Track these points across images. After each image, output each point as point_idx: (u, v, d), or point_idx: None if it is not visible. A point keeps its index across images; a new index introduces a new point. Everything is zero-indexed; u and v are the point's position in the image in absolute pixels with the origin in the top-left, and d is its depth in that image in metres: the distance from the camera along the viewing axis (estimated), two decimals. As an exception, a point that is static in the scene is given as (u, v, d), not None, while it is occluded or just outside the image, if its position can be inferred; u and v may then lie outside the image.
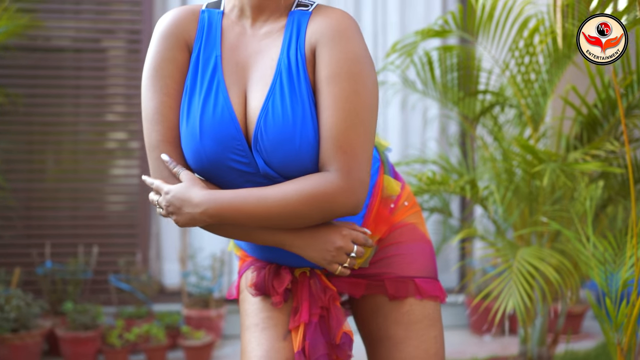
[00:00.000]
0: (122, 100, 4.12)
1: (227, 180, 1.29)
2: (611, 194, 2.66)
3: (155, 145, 1.28)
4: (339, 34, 1.27)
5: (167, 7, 4.02)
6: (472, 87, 2.88)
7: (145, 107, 1.30)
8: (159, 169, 1.29)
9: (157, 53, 1.31)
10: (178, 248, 3.98)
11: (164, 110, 1.29)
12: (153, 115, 1.28)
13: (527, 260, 2.23)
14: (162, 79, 1.29)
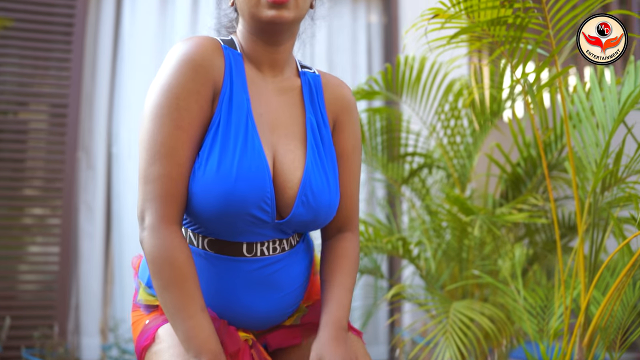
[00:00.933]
0: (43, 174, 3.98)
1: (235, 226, 1.27)
2: (536, 249, 2.75)
3: (155, 178, 1.21)
4: (354, 107, 1.47)
5: (96, 78, 3.97)
6: (401, 149, 2.96)
7: (151, 136, 1.21)
8: (152, 202, 1.21)
9: (179, 82, 1.22)
10: (99, 319, 3.77)
11: (174, 143, 1.21)
12: (159, 147, 1.20)
13: (462, 311, 2.24)
14: (179, 111, 1.21)
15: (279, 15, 1.26)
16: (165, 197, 1.21)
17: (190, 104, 1.22)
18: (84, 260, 3.86)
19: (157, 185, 1.20)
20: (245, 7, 1.30)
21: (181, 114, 1.21)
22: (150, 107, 1.23)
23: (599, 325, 2.15)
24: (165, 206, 1.21)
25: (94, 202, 3.92)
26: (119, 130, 3.96)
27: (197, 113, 1.23)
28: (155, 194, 1.21)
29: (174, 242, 1.21)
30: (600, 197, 2.18)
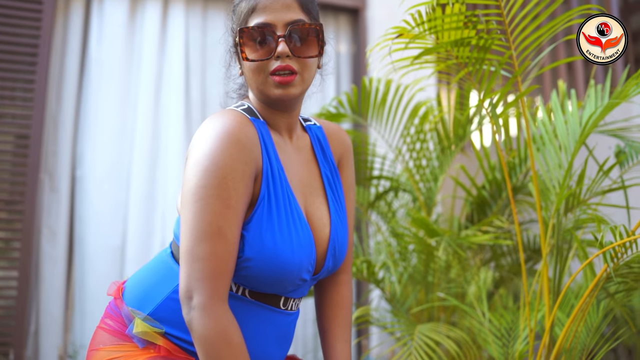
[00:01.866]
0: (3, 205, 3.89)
1: (283, 285, 1.32)
2: (502, 273, 2.75)
3: (204, 256, 1.19)
4: (351, 148, 1.59)
5: (61, 100, 3.90)
6: (367, 172, 2.96)
7: (198, 216, 1.20)
8: (202, 281, 1.19)
9: (226, 162, 1.22)
10: (58, 345, 3.66)
11: (222, 222, 1.20)
12: (207, 226, 1.19)
13: (427, 334, 2.22)
14: (227, 190, 1.21)
15: (286, 94, 1.32)
16: (215, 275, 1.19)
17: (237, 183, 1.23)
18: (45, 284, 3.76)
19: (207, 264, 1.19)
20: (253, 84, 1.35)
21: (230, 194, 1.21)
22: (196, 187, 1.21)
23: (564, 347, 2.15)
24: (216, 285, 1.20)
25: (56, 226, 3.83)
26: (84, 152, 3.90)
27: (243, 191, 1.24)
28: (205, 273, 1.19)
29: (228, 321, 1.20)
30: (563, 218, 2.19)
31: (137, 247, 3.84)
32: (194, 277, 1.19)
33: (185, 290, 1.19)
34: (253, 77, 1.34)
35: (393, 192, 2.92)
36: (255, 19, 1.33)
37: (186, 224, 1.21)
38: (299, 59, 1.32)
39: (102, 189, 3.86)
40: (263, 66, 1.32)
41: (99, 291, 3.76)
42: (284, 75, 1.30)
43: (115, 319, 1.39)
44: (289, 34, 1.31)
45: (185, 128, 4.03)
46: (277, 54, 1.30)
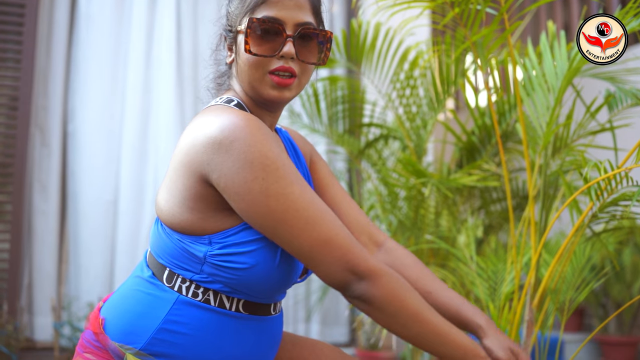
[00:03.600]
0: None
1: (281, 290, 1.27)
2: (492, 219, 2.76)
3: (329, 237, 1.13)
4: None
5: (48, 94, 3.86)
6: (358, 120, 2.95)
7: (292, 212, 1.12)
8: (347, 255, 1.13)
9: (270, 149, 1.13)
10: (52, 297, 3.69)
11: (313, 198, 1.15)
12: (306, 212, 1.12)
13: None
14: (291, 172, 1.14)
15: (282, 96, 1.25)
16: (352, 241, 1.15)
17: (289, 162, 1.17)
18: (38, 239, 3.78)
19: (338, 238, 1.13)
20: (246, 79, 1.27)
21: (294, 174, 1.15)
22: (263, 190, 1.11)
23: (549, 287, 2.16)
24: (359, 247, 1.16)
25: (48, 180, 3.83)
26: (75, 107, 3.88)
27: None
28: (344, 245, 1.14)
29: (392, 270, 1.18)
30: (550, 159, 2.19)
31: (130, 201, 3.84)
32: (339, 257, 1.12)
33: (341, 275, 1.13)
34: (249, 72, 1.25)
35: (383, 140, 2.91)
36: (265, 11, 1.23)
37: (283, 225, 1.12)
38: (301, 62, 1.26)
39: (94, 143, 3.85)
40: (263, 63, 1.23)
41: (92, 244, 3.78)
42: (284, 77, 1.23)
43: (98, 354, 1.25)
44: (298, 36, 1.24)
45: (177, 82, 4.00)
46: (282, 53, 1.22)
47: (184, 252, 1.20)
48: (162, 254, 1.24)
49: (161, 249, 1.24)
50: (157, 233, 1.26)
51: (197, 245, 1.18)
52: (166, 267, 1.23)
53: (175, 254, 1.21)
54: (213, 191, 1.16)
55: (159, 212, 1.24)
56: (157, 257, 1.25)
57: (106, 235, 3.80)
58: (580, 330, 4.84)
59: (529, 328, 2.12)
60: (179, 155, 1.19)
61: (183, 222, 1.19)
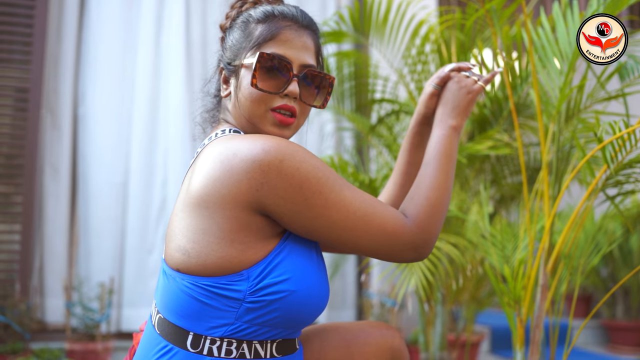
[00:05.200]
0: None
1: (312, 320, 1.22)
2: (503, 194, 2.77)
3: (381, 221, 1.14)
4: None
5: (59, 77, 3.88)
6: (366, 97, 2.96)
7: (346, 212, 1.12)
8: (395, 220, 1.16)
9: (304, 155, 1.12)
10: (63, 277, 3.71)
11: (358, 195, 1.16)
12: (359, 211, 1.13)
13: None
14: (333, 175, 1.14)
15: (281, 134, 1.24)
16: (393, 215, 1.17)
17: (327, 167, 1.16)
18: (49, 221, 3.80)
19: (389, 223, 1.15)
20: (246, 113, 1.24)
21: (336, 174, 1.16)
22: (310, 200, 1.11)
23: (563, 252, 2.17)
24: (399, 216, 1.18)
25: (59, 163, 3.85)
26: (86, 90, 3.90)
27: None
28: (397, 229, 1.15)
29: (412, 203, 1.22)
30: (564, 126, 2.20)
31: (140, 183, 3.86)
32: (398, 240, 1.15)
33: (409, 253, 1.17)
34: (251, 107, 1.22)
35: (395, 115, 2.92)
36: (273, 47, 1.23)
37: (351, 234, 1.14)
38: (302, 104, 1.25)
39: (104, 126, 3.87)
40: (267, 99, 1.21)
41: (102, 227, 3.80)
42: (285, 116, 1.22)
43: None
44: (303, 76, 1.24)
45: (186, 67, 4.02)
46: (287, 92, 1.21)
47: (217, 301, 1.11)
48: (183, 315, 1.14)
49: (181, 308, 1.14)
50: (175, 291, 1.15)
51: (234, 285, 1.10)
52: (189, 331, 1.13)
53: (203, 311, 1.12)
54: (260, 218, 1.12)
55: (178, 264, 1.15)
56: (176, 321, 1.15)
57: (116, 217, 3.82)
58: (587, 316, 4.85)
59: (543, 293, 2.13)
60: (202, 191, 1.12)
61: (220, 260, 1.10)
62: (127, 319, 3.76)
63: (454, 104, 1.38)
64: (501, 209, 2.82)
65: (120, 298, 3.79)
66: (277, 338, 1.17)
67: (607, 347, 4.62)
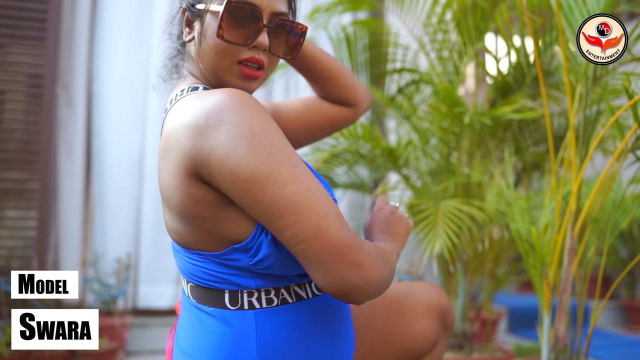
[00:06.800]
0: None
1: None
2: (525, 163, 2.73)
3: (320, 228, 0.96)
4: None
5: (73, 54, 3.86)
6: (382, 68, 2.92)
7: (280, 197, 0.96)
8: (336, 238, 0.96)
9: (262, 126, 1.00)
10: (79, 252, 3.70)
11: (306, 182, 0.99)
12: (295, 197, 0.96)
13: (452, 205, 2.22)
14: (284, 152, 1.00)
15: (247, 88, 1.15)
16: (345, 227, 1.00)
17: (284, 141, 1.03)
18: (64, 199, 3.79)
19: (333, 223, 0.97)
20: (210, 64, 1.15)
21: (288, 154, 1.00)
22: (251, 172, 0.97)
23: (590, 216, 2.13)
24: (350, 232, 1.01)
25: (73, 141, 3.83)
26: (100, 67, 3.88)
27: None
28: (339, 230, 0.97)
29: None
30: (591, 88, 2.16)
31: (155, 160, 3.84)
32: (329, 255, 0.95)
33: (335, 276, 0.95)
34: (215, 58, 1.13)
35: (414, 85, 2.88)
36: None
37: (272, 216, 0.97)
38: (271, 55, 1.16)
39: (119, 102, 3.85)
40: (233, 51, 1.12)
41: (118, 204, 3.78)
42: (252, 69, 1.13)
43: None
44: (274, 27, 1.15)
45: (201, 43, 3.98)
46: (256, 44, 1.12)
47: (230, 269, 1.07)
48: (209, 280, 1.10)
49: (204, 275, 1.10)
50: (190, 263, 1.12)
51: (235, 256, 1.06)
52: (224, 289, 1.09)
53: (223, 276, 1.08)
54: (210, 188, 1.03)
55: (178, 242, 1.13)
56: (206, 285, 1.11)
57: (132, 194, 3.80)
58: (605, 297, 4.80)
59: (570, 256, 2.10)
60: (161, 173, 1.09)
61: (207, 238, 1.06)
62: (143, 296, 3.74)
63: (393, 230, 1.27)
64: (524, 179, 2.78)
65: (137, 275, 3.78)
66: (310, 280, 1.13)
67: (626, 327, 4.57)
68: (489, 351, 2.72)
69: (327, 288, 0.97)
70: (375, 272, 0.97)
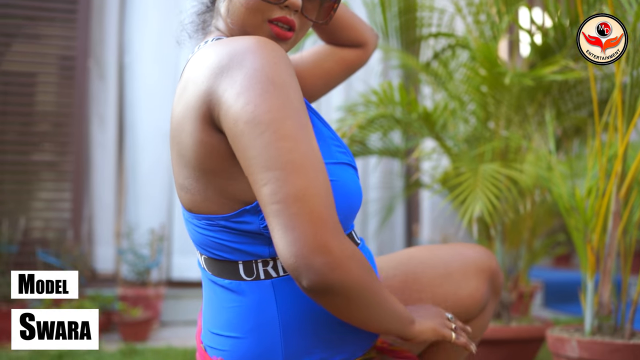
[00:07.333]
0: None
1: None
2: (565, 128, 2.66)
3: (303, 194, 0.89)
4: None
5: (104, 37, 3.86)
6: (422, 30, 2.85)
7: (274, 149, 0.90)
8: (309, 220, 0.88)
9: (283, 76, 0.95)
10: (113, 224, 3.73)
11: (306, 146, 0.92)
12: (290, 155, 0.90)
13: (492, 168, 2.16)
14: (296, 108, 0.94)
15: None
16: (327, 208, 0.92)
17: (301, 100, 0.97)
18: (97, 171, 3.81)
19: (313, 200, 0.90)
20: (239, 21, 1.09)
21: (299, 111, 0.95)
22: (255, 116, 0.92)
23: (636, 179, 2.06)
24: (334, 216, 0.93)
25: (105, 113, 3.85)
26: (132, 39, 3.87)
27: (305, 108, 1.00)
28: (316, 212, 0.90)
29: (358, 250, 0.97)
30: (639, 46, 2.07)
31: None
32: (305, 223, 0.88)
33: (300, 247, 0.88)
34: (245, 15, 1.07)
35: (451, 50, 2.81)
36: None
37: (258, 165, 0.90)
38: (303, 18, 1.11)
39: (150, 74, 3.84)
40: (265, 8, 1.07)
41: (151, 175, 3.79)
42: (283, 29, 1.08)
43: None
44: None
45: (232, 13, 3.95)
46: (288, 3, 1.07)
47: (240, 236, 1.02)
48: (221, 251, 1.06)
49: (215, 247, 1.06)
50: (200, 233, 1.07)
51: (245, 219, 1.01)
52: (237, 261, 1.04)
53: (234, 245, 1.03)
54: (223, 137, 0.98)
55: (187, 204, 1.07)
56: (218, 257, 1.07)
57: (165, 165, 3.80)
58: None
59: (615, 220, 2.03)
60: (173, 120, 1.05)
61: (216, 195, 1.02)
62: (177, 267, 3.76)
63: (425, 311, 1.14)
64: (564, 144, 2.71)
65: (170, 246, 3.79)
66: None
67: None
68: (527, 321, 2.67)
69: (284, 258, 0.89)
70: (343, 269, 0.89)
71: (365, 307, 0.97)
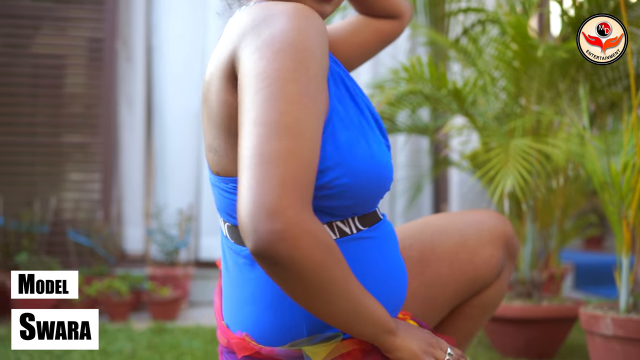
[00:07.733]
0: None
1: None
2: (598, 104, 2.60)
3: (278, 157, 0.85)
4: None
5: (131, 19, 3.86)
6: (451, 6, 2.80)
7: (270, 105, 0.88)
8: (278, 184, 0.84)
9: (306, 44, 0.92)
10: (142, 205, 3.75)
11: (301, 114, 0.89)
12: (281, 118, 0.87)
13: (523, 143, 2.12)
14: (308, 76, 0.91)
15: (320, 9, 1.07)
16: (299, 180, 0.87)
17: (318, 71, 0.94)
18: (126, 153, 3.83)
19: (287, 167, 0.86)
20: None
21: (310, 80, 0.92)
22: (266, 70, 0.90)
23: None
24: (302, 192, 0.88)
25: (133, 95, 3.86)
26: (159, 20, 3.87)
27: (323, 83, 0.96)
28: (286, 179, 0.85)
29: (326, 232, 0.91)
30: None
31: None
32: (270, 185, 0.84)
33: (257, 206, 0.83)
34: None
35: (481, 26, 2.75)
36: None
37: (250, 118, 0.88)
38: None
39: (178, 55, 3.85)
40: None
41: (179, 156, 3.81)
42: None
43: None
44: None
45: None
46: None
47: None
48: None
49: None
50: (227, 198, 1.05)
51: None
52: None
53: None
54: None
55: (214, 166, 1.05)
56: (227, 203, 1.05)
57: (192, 146, 3.81)
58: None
59: (651, 196, 1.98)
60: (207, 78, 1.03)
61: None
62: (205, 248, 3.78)
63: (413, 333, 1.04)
64: (598, 119, 2.64)
65: (198, 227, 3.81)
66: (356, 215, 1.05)
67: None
68: (558, 300, 2.63)
69: (239, 215, 0.85)
70: (294, 242, 0.84)
71: (324, 295, 0.91)
